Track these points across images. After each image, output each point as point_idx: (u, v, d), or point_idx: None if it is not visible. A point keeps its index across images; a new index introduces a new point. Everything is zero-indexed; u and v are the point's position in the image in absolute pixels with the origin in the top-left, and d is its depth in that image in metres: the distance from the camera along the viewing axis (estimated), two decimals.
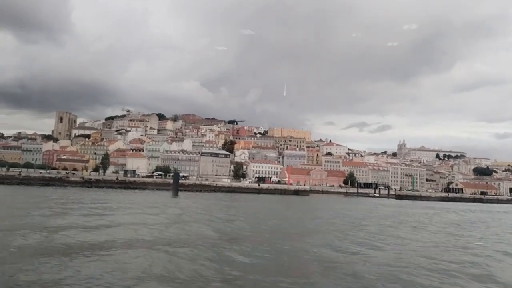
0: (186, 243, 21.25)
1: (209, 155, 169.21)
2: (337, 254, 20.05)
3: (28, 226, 24.22)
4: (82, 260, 16.06)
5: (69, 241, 20.11)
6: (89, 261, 15.90)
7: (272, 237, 24.70)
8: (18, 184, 72.74)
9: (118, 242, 20.51)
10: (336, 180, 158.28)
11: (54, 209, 35.39)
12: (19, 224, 25.32)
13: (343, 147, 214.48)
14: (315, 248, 21.40)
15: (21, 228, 23.20)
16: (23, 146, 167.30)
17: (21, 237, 20.40)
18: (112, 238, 21.62)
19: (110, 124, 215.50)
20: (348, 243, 23.82)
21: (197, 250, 19.39)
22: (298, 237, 25.88)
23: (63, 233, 22.46)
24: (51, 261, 15.51)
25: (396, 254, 20.84)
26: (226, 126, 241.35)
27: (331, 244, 23.05)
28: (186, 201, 57.24)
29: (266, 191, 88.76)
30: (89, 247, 18.73)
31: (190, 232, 25.94)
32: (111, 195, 61.30)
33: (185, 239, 22.98)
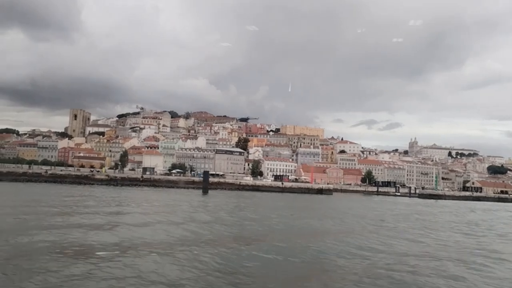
0: (236, 242, 20.79)
1: (224, 152, 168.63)
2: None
3: (73, 225, 23.86)
4: (122, 259, 15.77)
5: (109, 240, 19.88)
6: (124, 261, 15.56)
7: (339, 238, 23.89)
8: (45, 181, 72.50)
9: (154, 242, 20.13)
10: (353, 179, 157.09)
11: (99, 208, 34.86)
12: (64, 222, 25.07)
13: (356, 144, 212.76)
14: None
15: (62, 227, 23.04)
16: (39, 143, 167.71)
17: (61, 235, 20.25)
18: (149, 238, 21.25)
19: (124, 122, 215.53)
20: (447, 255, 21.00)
21: (243, 249, 19.05)
22: (364, 241, 24.95)
23: (106, 232, 22.45)
24: (83, 262, 15.03)
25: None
26: (238, 124, 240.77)
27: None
28: (217, 200, 56.63)
29: (290, 189, 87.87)
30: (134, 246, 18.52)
31: (235, 232, 25.58)
32: (141, 193, 60.81)
33: (235, 238, 22.77)
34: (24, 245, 17.64)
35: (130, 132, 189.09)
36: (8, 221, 24.40)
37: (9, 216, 26.92)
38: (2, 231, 20.87)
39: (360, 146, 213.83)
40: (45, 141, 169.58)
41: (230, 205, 48.36)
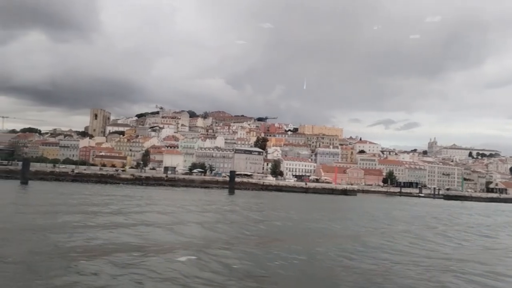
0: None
1: (243, 152, 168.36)
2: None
3: (104, 225, 23.74)
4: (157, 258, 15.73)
5: (136, 240, 19.62)
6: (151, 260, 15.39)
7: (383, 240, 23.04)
8: (72, 181, 73.12)
9: (189, 242, 19.98)
10: (374, 179, 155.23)
11: (140, 207, 34.69)
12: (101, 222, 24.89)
13: (376, 144, 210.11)
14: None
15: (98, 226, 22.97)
16: (61, 142, 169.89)
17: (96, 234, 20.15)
18: (184, 238, 21.06)
19: (143, 121, 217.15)
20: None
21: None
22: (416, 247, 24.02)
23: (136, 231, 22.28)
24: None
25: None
26: (256, 123, 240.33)
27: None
28: (244, 200, 56.15)
29: (313, 190, 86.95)
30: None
31: (275, 232, 25.09)
32: (167, 193, 60.73)
33: (274, 239, 22.28)
34: (66, 244, 17.57)
35: (150, 132, 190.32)
36: (50, 220, 24.29)
37: (52, 214, 26.87)
38: (44, 228, 21.13)
39: (379, 146, 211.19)
40: (66, 140, 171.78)
41: (259, 205, 47.84)
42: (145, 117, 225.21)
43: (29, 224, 22.68)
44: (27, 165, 62.03)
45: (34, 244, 17.13)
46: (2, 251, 15.51)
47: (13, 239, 18.27)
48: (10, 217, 24.99)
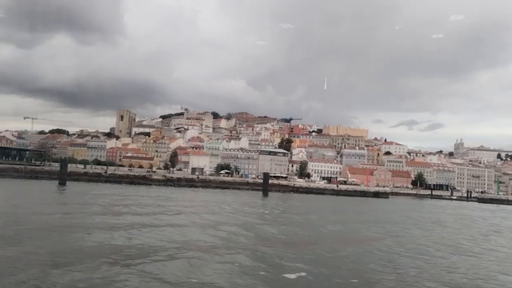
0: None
1: (268, 153, 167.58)
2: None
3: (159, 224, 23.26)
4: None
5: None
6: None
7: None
8: (105, 182, 73.46)
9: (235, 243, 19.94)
10: (401, 181, 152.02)
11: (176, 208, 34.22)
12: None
13: (402, 146, 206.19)
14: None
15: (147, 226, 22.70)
16: (88, 143, 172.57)
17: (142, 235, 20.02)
18: (230, 240, 20.83)
19: (168, 122, 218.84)
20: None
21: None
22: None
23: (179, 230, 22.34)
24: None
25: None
26: (279, 124, 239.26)
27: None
28: (280, 202, 55.25)
29: (345, 192, 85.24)
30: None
31: (325, 234, 23.95)
32: (201, 194, 60.28)
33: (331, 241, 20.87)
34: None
35: (175, 133, 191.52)
36: (114, 220, 23.97)
37: (105, 214, 26.57)
38: (88, 227, 21.25)
39: (406, 147, 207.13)
40: (94, 141, 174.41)
41: (298, 208, 46.92)
42: (170, 118, 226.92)
43: (89, 223, 22.99)
44: (65, 166, 62.60)
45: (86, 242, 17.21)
46: (60, 252, 15.44)
47: (68, 237, 18.48)
48: (65, 217, 24.77)
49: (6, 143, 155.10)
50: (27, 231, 19.35)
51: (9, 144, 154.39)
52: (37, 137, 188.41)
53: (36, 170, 74.72)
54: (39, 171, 73.77)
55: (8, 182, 59.20)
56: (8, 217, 23.36)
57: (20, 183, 57.74)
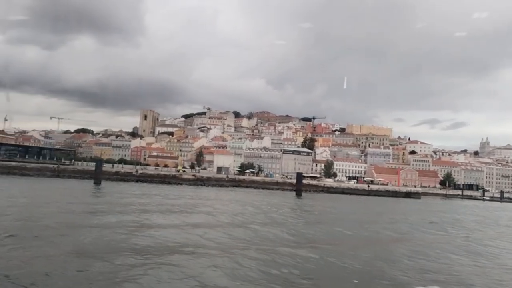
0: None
1: (291, 152, 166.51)
2: None
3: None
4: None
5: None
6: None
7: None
8: (136, 181, 73.53)
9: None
10: (429, 181, 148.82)
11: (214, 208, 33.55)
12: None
13: (427, 145, 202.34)
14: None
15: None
16: (113, 143, 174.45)
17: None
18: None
19: (191, 122, 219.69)
20: None
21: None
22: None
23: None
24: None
25: None
26: (300, 123, 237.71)
27: None
28: (316, 203, 54.08)
29: (376, 192, 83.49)
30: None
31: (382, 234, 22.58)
32: (233, 193, 59.46)
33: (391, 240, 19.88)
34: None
35: (198, 132, 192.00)
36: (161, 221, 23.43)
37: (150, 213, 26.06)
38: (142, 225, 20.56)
39: (431, 146, 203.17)
40: (119, 141, 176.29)
41: (338, 209, 45.76)
42: (192, 118, 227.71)
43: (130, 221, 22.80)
44: (100, 166, 62.77)
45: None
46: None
47: (116, 237, 18.22)
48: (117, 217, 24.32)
49: (34, 142, 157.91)
50: (84, 230, 19.43)
51: (37, 143, 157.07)
52: (63, 137, 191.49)
53: (69, 169, 75.27)
54: (72, 171, 74.24)
55: (44, 181, 59.62)
56: (63, 218, 22.99)
57: (56, 183, 57.94)
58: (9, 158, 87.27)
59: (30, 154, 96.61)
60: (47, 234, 17.55)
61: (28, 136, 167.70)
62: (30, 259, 13.32)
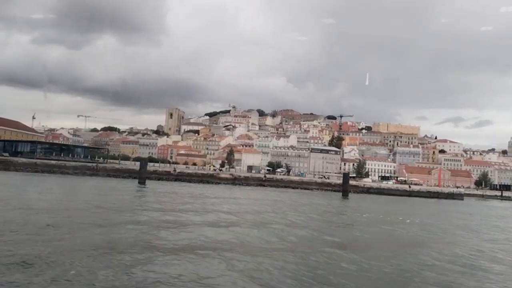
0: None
1: (319, 151, 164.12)
2: None
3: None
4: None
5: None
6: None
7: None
8: (174, 180, 72.71)
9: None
10: (462, 181, 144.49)
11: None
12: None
13: (457, 144, 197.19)
14: None
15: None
16: (140, 141, 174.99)
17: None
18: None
19: (216, 120, 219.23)
20: None
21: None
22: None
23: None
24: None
25: None
26: (325, 121, 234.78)
27: None
28: (366, 205, 52.08)
29: (417, 193, 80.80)
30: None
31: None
32: (275, 194, 57.79)
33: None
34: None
35: (224, 131, 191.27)
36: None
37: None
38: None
39: (461, 145, 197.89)
40: (145, 139, 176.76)
41: (392, 210, 43.65)
42: (217, 116, 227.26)
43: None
44: (145, 165, 61.98)
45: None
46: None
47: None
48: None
49: (63, 140, 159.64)
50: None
51: (66, 141, 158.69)
52: (90, 135, 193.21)
53: (107, 168, 74.90)
54: (110, 169, 73.84)
55: (87, 180, 59.08)
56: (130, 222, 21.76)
57: (99, 182, 57.27)
58: (46, 156, 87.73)
59: (65, 152, 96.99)
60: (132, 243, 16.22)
61: (58, 134, 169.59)
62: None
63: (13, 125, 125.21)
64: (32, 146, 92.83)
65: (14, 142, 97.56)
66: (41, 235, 15.72)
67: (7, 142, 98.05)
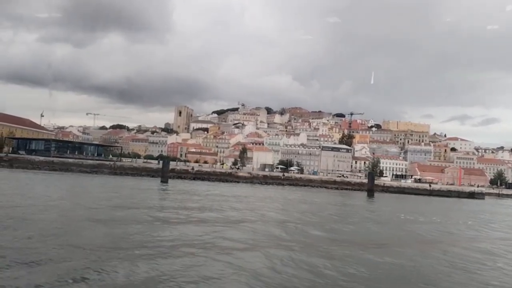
0: None
1: (330, 149, 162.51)
2: None
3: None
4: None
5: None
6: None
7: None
8: (193, 179, 71.63)
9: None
10: (476, 180, 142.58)
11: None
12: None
13: (469, 142, 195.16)
14: None
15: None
16: (150, 139, 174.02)
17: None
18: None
19: (225, 118, 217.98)
20: None
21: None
22: None
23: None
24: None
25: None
26: (334, 119, 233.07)
27: None
28: (393, 204, 50.90)
29: (438, 192, 79.34)
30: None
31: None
32: (297, 193, 56.75)
33: None
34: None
35: (233, 129, 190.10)
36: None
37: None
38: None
39: (473, 143, 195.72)
40: (155, 137, 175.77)
41: (431, 212, 42.43)
42: (226, 114, 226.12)
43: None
44: (168, 164, 60.97)
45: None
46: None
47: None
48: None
49: (73, 138, 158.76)
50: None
51: (76, 139, 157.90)
52: (99, 133, 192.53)
53: (125, 166, 73.93)
54: (129, 168, 72.87)
55: (108, 179, 57.85)
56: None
57: (122, 181, 56.12)
58: (60, 154, 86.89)
59: (79, 150, 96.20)
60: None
61: (67, 132, 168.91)
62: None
63: (24, 123, 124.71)
64: (46, 144, 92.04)
65: (28, 140, 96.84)
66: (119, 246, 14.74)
67: (21, 140, 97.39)
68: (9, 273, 10.14)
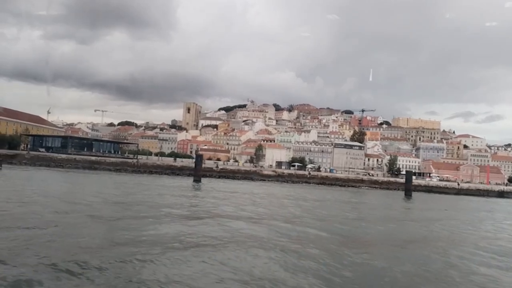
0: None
1: (343, 146, 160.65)
2: None
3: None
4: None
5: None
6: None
7: None
8: (218, 177, 69.78)
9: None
10: (492, 177, 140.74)
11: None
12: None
13: (480, 139, 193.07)
14: None
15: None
16: (159, 135, 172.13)
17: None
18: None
19: (234, 115, 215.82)
20: None
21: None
22: None
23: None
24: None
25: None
26: (343, 116, 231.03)
27: None
28: (437, 205, 49.13)
29: (466, 191, 77.53)
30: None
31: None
32: (330, 192, 55.04)
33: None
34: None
35: (243, 125, 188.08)
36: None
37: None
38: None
39: (484, 140, 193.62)
40: (165, 134, 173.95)
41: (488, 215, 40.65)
42: (234, 111, 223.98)
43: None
44: (201, 162, 59.01)
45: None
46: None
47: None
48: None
49: (82, 134, 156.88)
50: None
51: (85, 135, 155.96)
52: (107, 129, 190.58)
53: (148, 164, 72.14)
54: (152, 166, 71.09)
55: (132, 178, 55.67)
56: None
57: (151, 180, 54.29)
58: (77, 151, 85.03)
59: (96, 147, 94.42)
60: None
61: (77, 129, 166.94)
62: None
63: (37, 120, 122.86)
64: (63, 141, 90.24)
65: (44, 137, 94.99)
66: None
67: (36, 137, 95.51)
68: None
